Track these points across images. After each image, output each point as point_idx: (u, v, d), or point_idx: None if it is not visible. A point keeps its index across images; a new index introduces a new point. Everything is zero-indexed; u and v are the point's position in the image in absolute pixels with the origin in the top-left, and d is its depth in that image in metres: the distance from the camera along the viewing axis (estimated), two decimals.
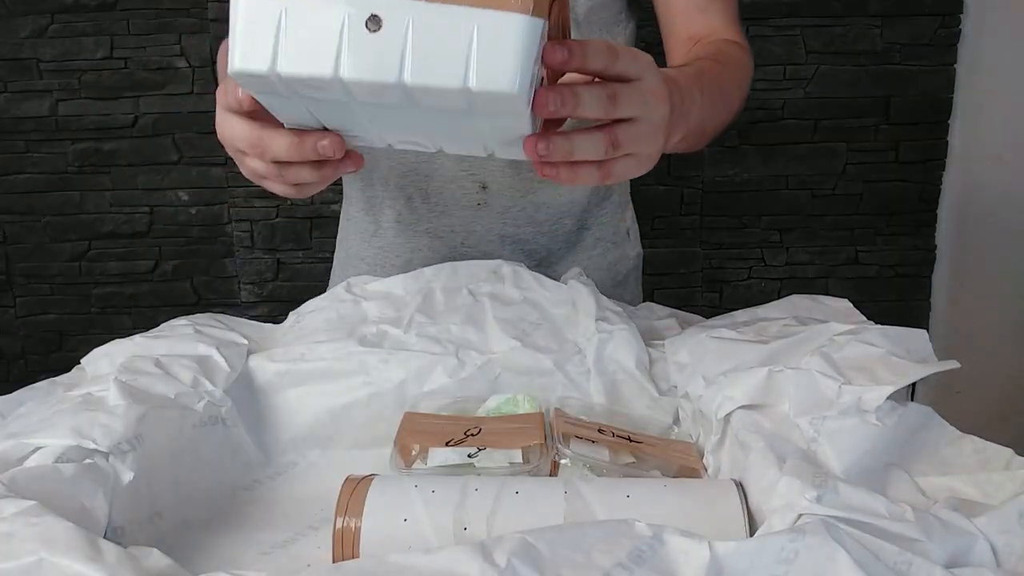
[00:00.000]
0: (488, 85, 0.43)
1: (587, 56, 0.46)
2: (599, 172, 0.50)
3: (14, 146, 1.82)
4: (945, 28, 1.77)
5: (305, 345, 0.67)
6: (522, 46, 0.42)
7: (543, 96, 0.46)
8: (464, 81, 0.42)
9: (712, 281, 1.91)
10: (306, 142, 0.51)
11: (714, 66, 0.72)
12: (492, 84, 0.43)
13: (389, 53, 0.43)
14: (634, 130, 0.50)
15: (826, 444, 0.47)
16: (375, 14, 0.43)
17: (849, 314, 0.64)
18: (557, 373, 0.66)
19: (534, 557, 0.37)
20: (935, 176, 1.86)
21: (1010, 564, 0.39)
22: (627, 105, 0.48)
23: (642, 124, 0.50)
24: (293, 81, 0.44)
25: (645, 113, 0.50)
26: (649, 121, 0.50)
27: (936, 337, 1.84)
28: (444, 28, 0.42)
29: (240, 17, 0.44)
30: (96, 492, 0.46)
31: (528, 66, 0.43)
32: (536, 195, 0.87)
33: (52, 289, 1.91)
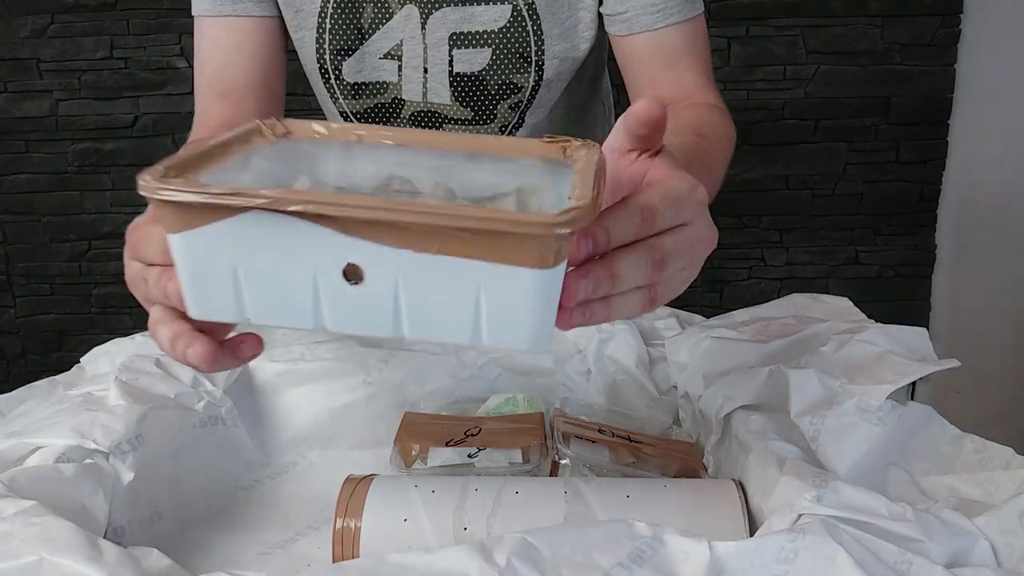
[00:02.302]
0: (503, 343, 0.36)
1: (614, 238, 0.38)
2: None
3: (14, 146, 1.82)
4: (945, 28, 1.77)
5: (305, 345, 0.67)
6: (539, 302, 0.35)
7: (572, 288, 0.37)
8: (474, 338, 0.36)
9: (712, 281, 1.91)
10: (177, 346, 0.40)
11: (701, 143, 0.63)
12: (508, 342, 0.35)
13: (379, 308, 0.35)
14: (676, 281, 0.43)
15: (826, 444, 0.47)
16: (353, 264, 0.34)
17: (849, 313, 0.64)
18: (557, 373, 0.66)
19: (534, 557, 0.37)
20: (935, 176, 1.85)
21: (1011, 564, 0.39)
22: (675, 264, 0.42)
23: (684, 272, 0.43)
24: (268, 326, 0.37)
25: (691, 262, 0.43)
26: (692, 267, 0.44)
27: (936, 337, 1.84)
28: (443, 282, 0.34)
29: (182, 264, 0.35)
30: (96, 492, 0.46)
31: (550, 315, 0.36)
32: None
33: (52, 289, 1.91)
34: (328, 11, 0.75)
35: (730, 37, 1.78)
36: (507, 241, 0.33)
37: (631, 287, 0.40)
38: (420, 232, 0.33)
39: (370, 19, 0.76)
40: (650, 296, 0.41)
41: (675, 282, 0.43)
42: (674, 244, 0.41)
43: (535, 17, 0.75)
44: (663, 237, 0.41)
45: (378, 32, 0.76)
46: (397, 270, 0.34)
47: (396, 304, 0.35)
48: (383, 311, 0.35)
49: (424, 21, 0.75)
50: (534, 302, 0.35)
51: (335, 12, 0.75)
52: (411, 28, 0.75)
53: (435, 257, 0.34)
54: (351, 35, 0.76)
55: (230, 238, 0.34)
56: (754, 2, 1.75)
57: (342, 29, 0.76)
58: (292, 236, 0.34)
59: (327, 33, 0.76)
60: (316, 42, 0.76)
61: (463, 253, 0.34)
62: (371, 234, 0.33)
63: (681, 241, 0.42)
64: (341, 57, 0.77)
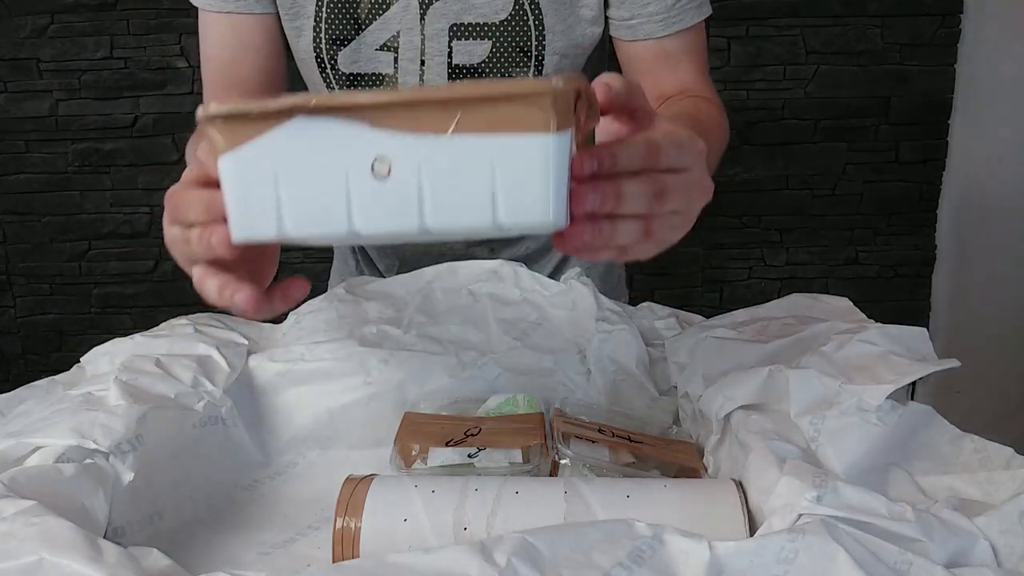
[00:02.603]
0: (521, 219, 0.38)
1: (620, 163, 0.42)
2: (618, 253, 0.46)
3: (14, 146, 1.82)
4: (945, 28, 1.77)
5: (305, 345, 0.67)
6: (551, 170, 0.38)
7: (582, 195, 0.40)
8: (493, 218, 0.38)
9: (712, 281, 1.91)
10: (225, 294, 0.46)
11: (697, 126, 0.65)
12: (525, 218, 0.38)
13: (405, 200, 0.38)
14: (670, 222, 0.46)
15: (826, 444, 0.47)
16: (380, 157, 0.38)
17: (849, 312, 0.64)
18: (557, 373, 0.66)
19: (534, 557, 0.37)
20: (935, 176, 1.86)
21: (1011, 564, 0.39)
22: (672, 202, 0.44)
23: (679, 217, 0.46)
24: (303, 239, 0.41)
25: (687, 207, 0.46)
26: (687, 213, 0.47)
27: (936, 337, 1.84)
28: (460, 162, 0.38)
29: (231, 181, 0.40)
30: (96, 492, 0.46)
31: (562, 185, 0.38)
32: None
33: (52, 289, 1.91)
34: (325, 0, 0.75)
35: (730, 37, 1.78)
36: (513, 108, 0.37)
37: (633, 211, 0.43)
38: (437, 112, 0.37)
39: (367, 9, 0.75)
40: (646, 229, 0.44)
41: (670, 224, 0.46)
42: (674, 182, 0.44)
43: (537, 11, 0.75)
44: (665, 174, 0.44)
45: (375, 23, 0.76)
46: (419, 158, 0.38)
47: (420, 194, 0.38)
48: (408, 203, 0.38)
49: (424, 12, 0.75)
50: (544, 169, 0.37)
51: (332, 0, 0.75)
52: (409, 19, 0.75)
53: (451, 139, 0.37)
54: (347, 25, 0.76)
55: (274, 148, 0.39)
56: (754, 2, 1.75)
57: (339, 18, 0.75)
58: (329, 137, 0.38)
59: (323, 22, 0.75)
60: (313, 30, 0.76)
61: (475, 129, 0.37)
62: (395, 123, 0.38)
63: (681, 182, 0.45)
64: (337, 47, 0.76)
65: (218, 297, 0.46)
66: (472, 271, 0.76)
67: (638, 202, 0.43)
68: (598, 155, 0.41)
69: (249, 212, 0.40)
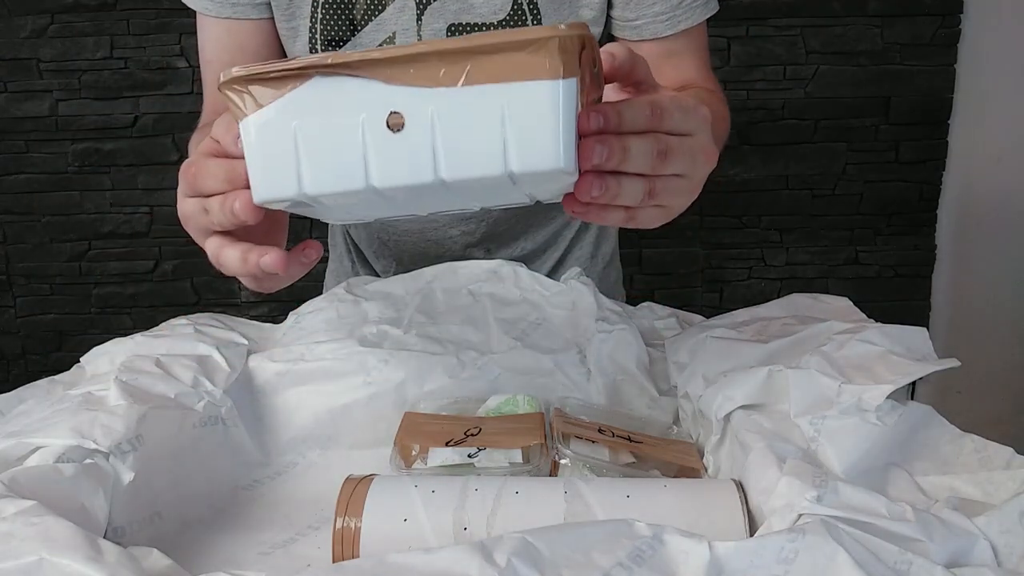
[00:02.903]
0: (532, 165, 0.39)
1: (625, 120, 0.43)
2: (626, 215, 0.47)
3: (14, 146, 1.82)
4: (945, 28, 1.77)
5: (305, 345, 0.67)
6: (560, 115, 0.38)
7: (589, 148, 0.41)
8: (505, 166, 0.39)
9: (712, 281, 1.91)
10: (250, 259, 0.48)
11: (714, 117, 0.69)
12: (536, 163, 0.39)
13: (419, 152, 0.39)
14: (674, 185, 0.46)
15: (826, 444, 0.47)
16: (394, 111, 0.39)
17: (849, 312, 0.64)
18: (557, 373, 0.66)
19: (534, 557, 0.37)
20: (935, 176, 1.85)
21: (1011, 564, 0.39)
22: (676, 164, 0.45)
23: (683, 181, 0.47)
24: (321, 197, 0.42)
25: (690, 171, 0.47)
26: (691, 178, 0.47)
27: (936, 337, 1.84)
28: (471, 113, 0.39)
29: (253, 142, 0.42)
30: (96, 492, 0.46)
31: (570, 132, 0.39)
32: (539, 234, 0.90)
33: (52, 289, 1.91)
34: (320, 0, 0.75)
35: (730, 37, 1.78)
36: (521, 56, 0.38)
37: (637, 169, 0.43)
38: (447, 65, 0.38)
39: (363, 10, 0.75)
40: (650, 189, 0.45)
41: (674, 187, 0.46)
42: (678, 144, 0.45)
43: (536, 11, 0.75)
44: (669, 136, 0.44)
45: (370, 24, 0.75)
46: (432, 110, 0.39)
47: (433, 146, 0.39)
48: (423, 156, 0.39)
49: (421, 12, 0.75)
50: (553, 114, 0.38)
51: (327, 1, 0.75)
52: (405, 20, 0.75)
53: (462, 90, 0.38)
54: (343, 26, 0.76)
55: (293, 108, 0.41)
56: (754, 2, 1.75)
57: (334, 19, 0.75)
58: (345, 95, 0.40)
59: (319, 23, 0.75)
60: (309, 31, 0.76)
61: (485, 79, 0.38)
62: (408, 78, 0.39)
63: (684, 145, 0.45)
64: (332, 48, 0.76)
65: (242, 264, 0.48)
66: (472, 271, 0.76)
67: (642, 160, 0.43)
68: (603, 111, 0.42)
69: (271, 172, 0.42)
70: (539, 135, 0.39)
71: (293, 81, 0.40)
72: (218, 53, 0.79)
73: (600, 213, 0.46)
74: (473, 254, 0.87)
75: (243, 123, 0.42)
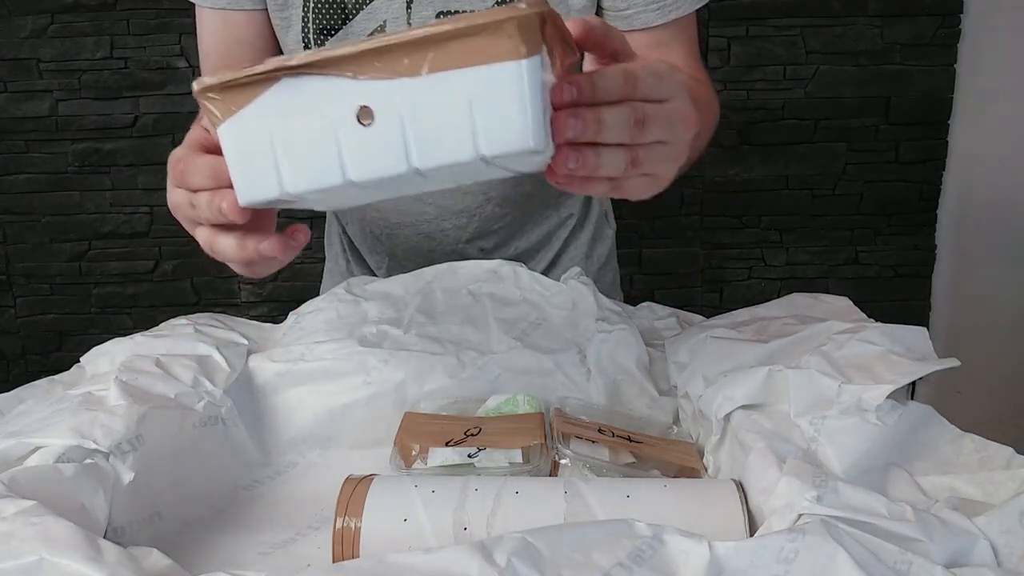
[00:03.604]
0: (503, 148, 0.39)
1: (599, 90, 0.42)
2: (611, 185, 0.47)
3: (14, 146, 1.82)
4: (945, 28, 1.77)
5: (305, 345, 0.67)
6: (525, 95, 0.39)
7: (562, 122, 0.41)
8: (476, 151, 0.40)
9: (712, 281, 1.91)
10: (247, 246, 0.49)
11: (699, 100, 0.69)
12: (507, 146, 0.39)
13: (391, 144, 0.40)
14: (657, 152, 0.46)
15: (826, 444, 0.47)
16: (364, 106, 0.40)
17: (849, 312, 0.64)
18: (557, 373, 0.66)
19: (534, 557, 0.37)
20: (935, 176, 1.86)
21: (1011, 564, 0.39)
22: (654, 130, 0.45)
23: (666, 148, 0.46)
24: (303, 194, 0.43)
25: (671, 137, 0.46)
26: (674, 144, 0.47)
27: (936, 336, 1.84)
28: (437, 101, 0.39)
29: (231, 148, 0.43)
30: (96, 492, 0.46)
31: (538, 111, 0.39)
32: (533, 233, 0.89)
33: (52, 289, 1.91)
34: None
35: (730, 37, 1.78)
36: (481, 40, 0.38)
37: (615, 139, 0.43)
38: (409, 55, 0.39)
39: None
40: (632, 158, 0.44)
41: (657, 154, 0.46)
42: (655, 111, 0.44)
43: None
44: (645, 103, 0.44)
45: (362, 12, 0.75)
46: (400, 101, 0.39)
47: (404, 135, 0.40)
48: (395, 146, 0.40)
49: (410, 1, 0.75)
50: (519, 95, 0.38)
51: None
52: (395, 8, 0.75)
53: (427, 79, 0.39)
54: (334, 14, 0.76)
55: (266, 111, 0.41)
56: (754, 2, 1.75)
57: (325, 9, 0.75)
58: (314, 93, 0.40)
59: (311, 12, 0.76)
60: (301, 20, 0.76)
61: (448, 65, 0.38)
62: (373, 71, 0.39)
63: (662, 111, 0.45)
64: (324, 37, 0.77)
65: (239, 252, 0.49)
66: (472, 271, 0.76)
67: (619, 130, 0.43)
68: (576, 83, 0.41)
69: (251, 175, 0.43)
70: (507, 117, 0.39)
71: (262, 85, 0.41)
72: (215, 45, 0.80)
73: (583, 184, 0.45)
74: (466, 250, 0.87)
75: (219, 130, 0.43)
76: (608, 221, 0.98)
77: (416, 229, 0.86)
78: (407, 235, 0.87)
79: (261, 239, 0.48)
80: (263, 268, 0.55)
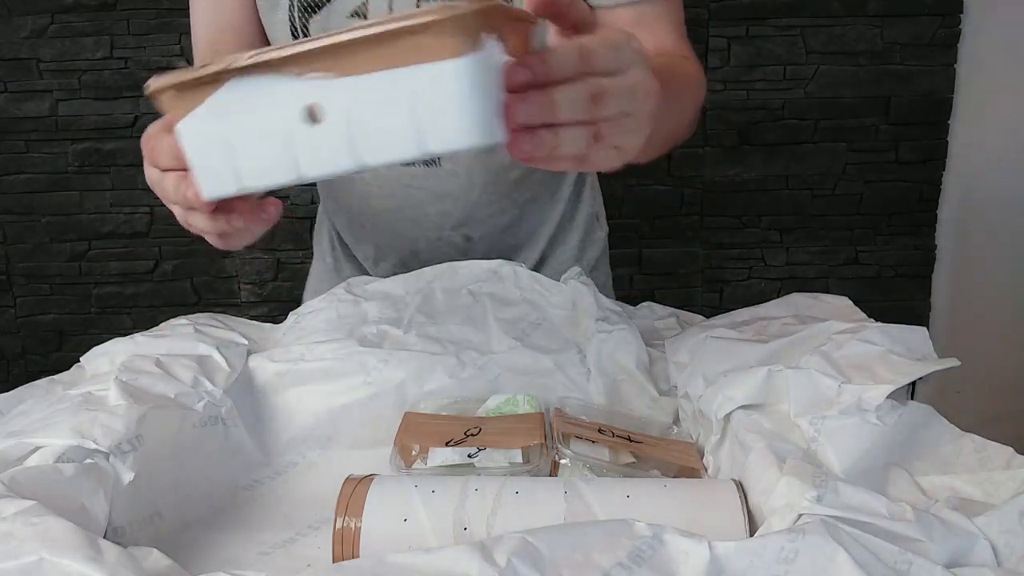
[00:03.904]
0: (447, 145, 0.40)
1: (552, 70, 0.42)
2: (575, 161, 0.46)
3: (14, 146, 1.82)
4: (945, 28, 1.77)
5: (305, 345, 0.67)
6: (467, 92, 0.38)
7: (513, 108, 0.41)
8: (422, 147, 0.40)
9: (712, 281, 1.91)
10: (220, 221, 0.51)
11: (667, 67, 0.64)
12: (452, 142, 0.39)
13: (339, 141, 0.41)
14: (619, 125, 0.45)
15: (826, 444, 0.47)
16: (309, 106, 0.40)
17: (849, 312, 0.64)
18: (557, 373, 0.66)
19: (534, 557, 0.37)
20: (935, 176, 1.86)
21: (1011, 564, 0.39)
22: (613, 104, 0.44)
23: (629, 119, 0.45)
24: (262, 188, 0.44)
25: (632, 108, 0.45)
26: (636, 116, 0.46)
27: (936, 337, 1.84)
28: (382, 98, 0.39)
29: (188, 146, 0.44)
30: (96, 492, 0.46)
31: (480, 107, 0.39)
32: (519, 227, 0.88)
33: (52, 289, 1.91)
34: None
35: (730, 37, 1.78)
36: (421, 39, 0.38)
37: (572, 119, 0.42)
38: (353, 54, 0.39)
39: None
40: (594, 133, 0.44)
41: (620, 127, 0.45)
42: (612, 84, 0.43)
43: None
44: (601, 77, 0.43)
45: None
46: (345, 99, 0.40)
47: (350, 132, 0.40)
48: (343, 143, 0.41)
49: None
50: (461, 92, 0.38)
51: None
52: None
53: (371, 77, 0.39)
54: None
55: (217, 111, 0.42)
56: (754, 2, 1.75)
57: None
58: (262, 92, 0.41)
59: None
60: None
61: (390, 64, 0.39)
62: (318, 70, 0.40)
63: (619, 83, 0.44)
64: (308, 14, 0.77)
65: (212, 226, 0.51)
66: (472, 271, 0.76)
67: (575, 108, 0.42)
68: (529, 64, 0.41)
69: (210, 172, 0.44)
70: (450, 115, 0.39)
71: (211, 86, 0.42)
72: (205, 32, 0.81)
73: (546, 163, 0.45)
74: (451, 238, 0.86)
75: (176, 129, 0.43)
76: (599, 223, 0.97)
77: (401, 214, 0.85)
78: (391, 220, 0.86)
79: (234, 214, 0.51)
80: (237, 240, 0.57)
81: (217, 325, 0.71)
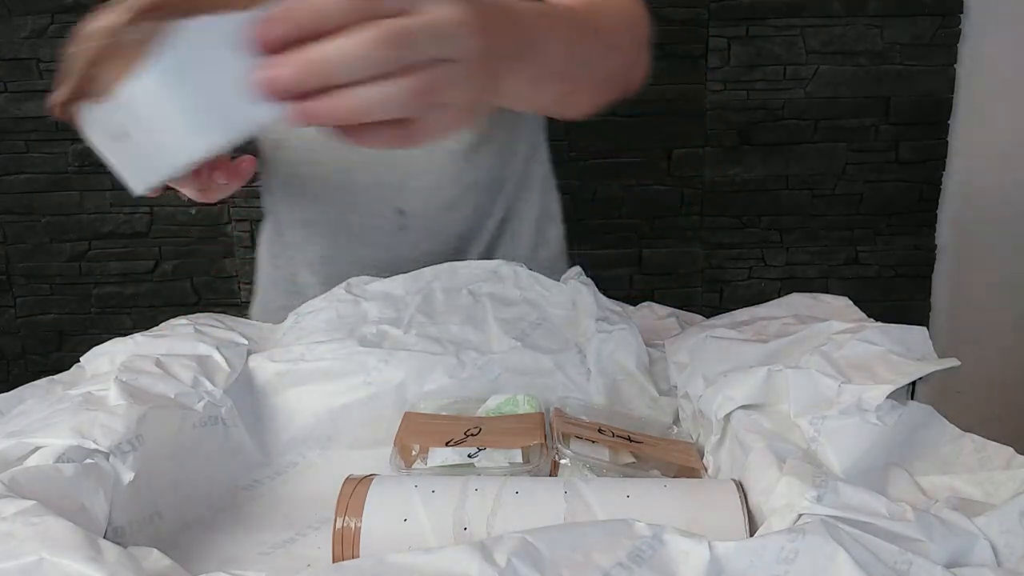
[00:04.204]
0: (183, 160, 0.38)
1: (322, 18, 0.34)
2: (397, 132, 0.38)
3: (14, 146, 1.82)
4: (945, 28, 1.77)
5: (305, 345, 0.67)
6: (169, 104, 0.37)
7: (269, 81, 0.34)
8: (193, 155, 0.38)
9: (712, 281, 1.91)
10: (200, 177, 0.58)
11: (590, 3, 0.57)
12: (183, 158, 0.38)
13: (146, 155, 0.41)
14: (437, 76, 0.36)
15: (826, 444, 0.47)
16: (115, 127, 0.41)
17: (849, 312, 0.64)
18: (557, 373, 0.66)
19: (534, 557, 0.37)
20: (935, 176, 1.86)
21: (1011, 564, 0.39)
22: (421, 47, 0.35)
23: (450, 67, 0.37)
24: None
25: (452, 51, 0.36)
26: (461, 61, 0.37)
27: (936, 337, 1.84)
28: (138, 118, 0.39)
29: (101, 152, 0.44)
30: (96, 492, 0.46)
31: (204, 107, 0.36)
32: (457, 210, 0.84)
33: (52, 289, 1.91)
34: None
35: (730, 37, 1.78)
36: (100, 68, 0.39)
37: (363, 74, 0.34)
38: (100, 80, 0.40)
39: None
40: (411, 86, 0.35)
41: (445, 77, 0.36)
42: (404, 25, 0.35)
43: None
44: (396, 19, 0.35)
45: None
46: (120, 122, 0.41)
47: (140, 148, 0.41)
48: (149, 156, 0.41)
49: None
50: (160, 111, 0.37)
51: None
52: None
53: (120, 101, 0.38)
54: None
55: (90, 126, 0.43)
56: (754, 2, 1.75)
57: None
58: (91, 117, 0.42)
59: None
60: None
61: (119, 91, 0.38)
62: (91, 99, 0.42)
63: (423, 22, 0.35)
64: None
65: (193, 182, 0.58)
66: (472, 271, 0.76)
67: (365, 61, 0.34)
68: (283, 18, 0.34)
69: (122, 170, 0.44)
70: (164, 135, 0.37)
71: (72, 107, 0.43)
72: None
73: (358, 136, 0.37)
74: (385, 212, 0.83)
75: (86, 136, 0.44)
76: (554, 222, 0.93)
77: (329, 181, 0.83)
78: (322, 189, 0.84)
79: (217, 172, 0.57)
80: (215, 195, 0.62)
81: (217, 325, 0.71)
